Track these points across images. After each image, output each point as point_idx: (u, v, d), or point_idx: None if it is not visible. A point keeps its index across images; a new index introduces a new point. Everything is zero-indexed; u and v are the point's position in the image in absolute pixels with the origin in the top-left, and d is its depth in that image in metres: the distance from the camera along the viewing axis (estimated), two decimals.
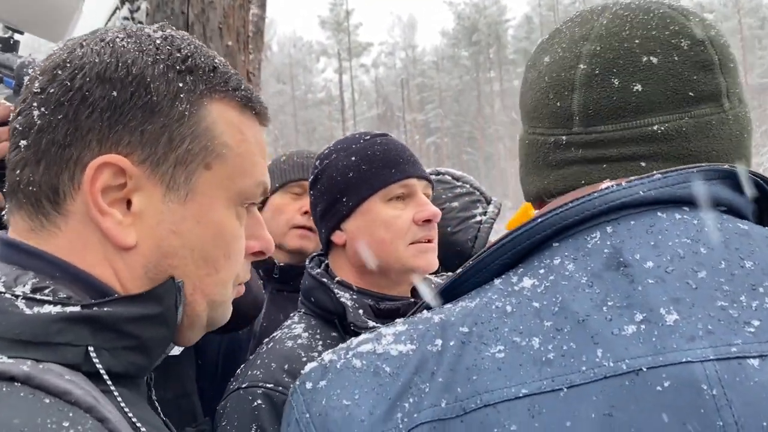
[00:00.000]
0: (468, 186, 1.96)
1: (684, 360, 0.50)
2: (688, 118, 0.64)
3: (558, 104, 0.68)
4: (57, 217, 0.62)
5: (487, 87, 54.80)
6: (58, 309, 0.56)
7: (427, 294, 0.62)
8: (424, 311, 0.66)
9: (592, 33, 0.68)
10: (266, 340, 1.31)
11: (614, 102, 0.65)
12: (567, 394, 0.51)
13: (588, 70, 0.66)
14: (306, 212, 1.76)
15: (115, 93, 0.61)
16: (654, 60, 0.64)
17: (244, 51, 2.58)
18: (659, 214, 0.59)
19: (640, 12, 0.67)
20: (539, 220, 0.62)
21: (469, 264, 0.65)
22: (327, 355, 0.63)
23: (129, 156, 0.61)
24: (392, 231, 1.26)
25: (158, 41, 0.65)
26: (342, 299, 1.24)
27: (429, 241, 1.30)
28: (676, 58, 0.64)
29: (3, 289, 0.56)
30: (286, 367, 1.17)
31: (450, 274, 1.94)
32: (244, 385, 1.18)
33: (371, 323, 1.20)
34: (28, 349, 0.54)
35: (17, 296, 0.56)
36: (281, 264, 1.79)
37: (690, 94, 0.64)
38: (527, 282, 0.60)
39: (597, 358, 0.52)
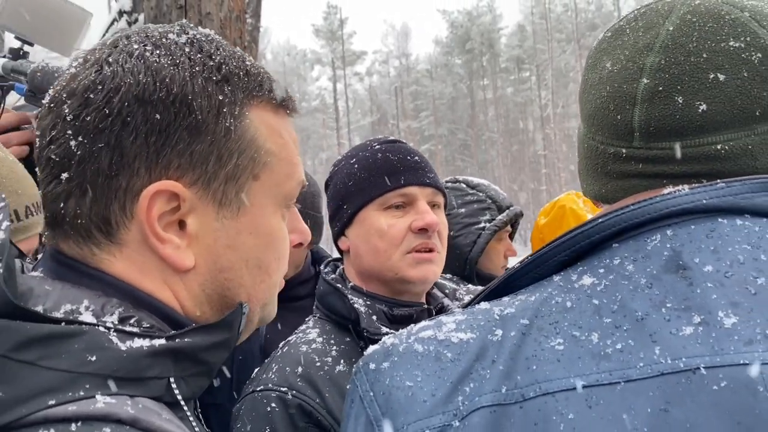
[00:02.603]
0: (481, 194, 2.04)
1: (741, 362, 0.51)
2: (754, 136, 0.62)
3: (618, 117, 0.66)
4: (110, 246, 0.60)
5: (481, 95, 54.93)
6: (147, 343, 0.56)
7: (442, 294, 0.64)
8: (482, 303, 0.66)
9: (657, 42, 0.65)
10: (282, 344, 1.32)
11: (677, 120, 0.63)
12: (624, 387, 0.52)
13: (651, 86, 0.64)
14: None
15: (158, 116, 0.58)
16: (721, 77, 0.62)
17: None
18: (720, 220, 0.60)
19: (709, 19, 0.64)
20: (600, 220, 0.62)
21: (528, 259, 0.66)
22: (389, 339, 0.65)
23: (180, 179, 0.60)
24: (386, 240, 1.26)
25: (187, 49, 0.62)
26: (356, 305, 1.25)
27: (429, 251, 1.28)
28: (745, 74, 0.61)
29: (94, 321, 0.56)
30: (299, 371, 1.19)
31: (448, 276, 2.00)
32: (258, 388, 1.19)
33: (384, 329, 1.21)
34: (122, 386, 0.54)
35: (109, 329, 0.56)
36: None
37: (757, 112, 0.62)
38: (587, 280, 0.61)
39: (655, 355, 0.53)
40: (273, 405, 1.15)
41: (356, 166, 1.32)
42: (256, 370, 1.28)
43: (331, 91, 52.50)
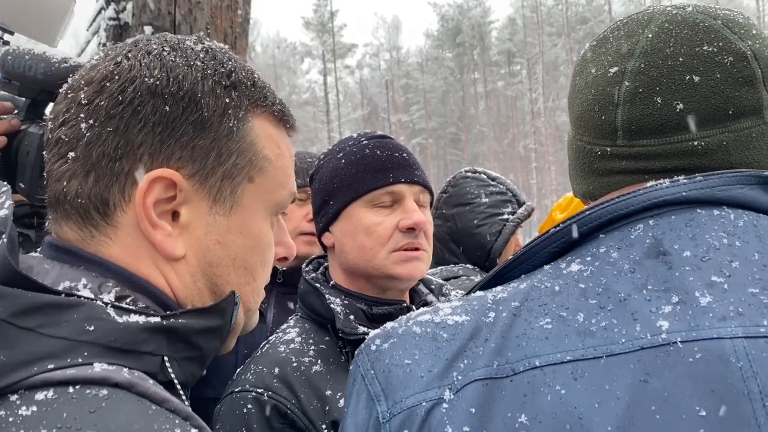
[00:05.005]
0: (502, 186, 2.07)
1: (715, 336, 0.55)
2: (728, 133, 0.67)
3: (603, 118, 0.72)
4: (107, 228, 0.63)
5: (471, 88, 54.93)
6: (143, 319, 0.58)
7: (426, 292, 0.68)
8: (478, 291, 0.71)
9: (637, 48, 0.70)
10: (263, 343, 1.32)
11: (656, 119, 0.68)
12: (607, 361, 0.57)
13: (632, 88, 0.69)
14: (312, 219, 1.77)
15: (167, 108, 0.62)
16: (696, 78, 0.67)
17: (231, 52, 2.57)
18: (698, 210, 0.65)
19: (685, 26, 0.69)
20: (587, 212, 0.67)
21: (520, 252, 0.71)
22: (389, 324, 0.70)
23: (180, 170, 0.63)
24: (373, 238, 1.25)
25: (202, 55, 0.67)
26: (332, 305, 1.24)
27: (415, 249, 1.27)
28: (718, 76, 0.66)
29: (92, 296, 0.58)
30: (276, 371, 1.19)
31: (469, 266, 1.97)
32: (237, 389, 1.20)
33: (362, 329, 1.20)
34: (119, 357, 0.55)
35: (106, 304, 0.57)
36: (284, 268, 1.79)
37: (730, 111, 0.67)
38: (574, 267, 0.65)
39: (636, 331, 0.57)
40: (249, 406, 1.15)
41: (343, 161, 1.29)
42: (238, 370, 1.28)
43: (321, 84, 52.30)
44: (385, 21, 70.06)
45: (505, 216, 1.99)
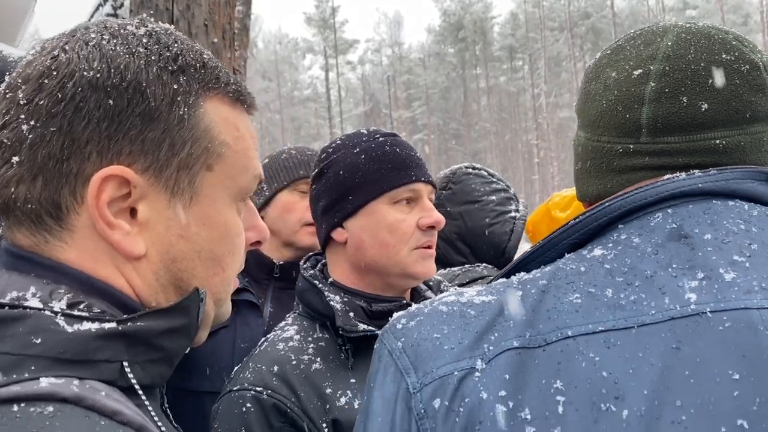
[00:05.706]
0: (502, 183, 2.02)
1: (743, 306, 0.59)
2: (745, 135, 0.72)
3: (627, 116, 0.75)
4: (62, 232, 0.60)
5: (473, 84, 54.85)
6: (96, 326, 0.56)
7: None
8: (501, 279, 0.73)
9: (659, 53, 0.74)
10: (261, 340, 1.31)
11: (682, 117, 0.72)
12: (638, 330, 0.59)
13: (658, 88, 0.73)
14: None
15: (111, 101, 0.59)
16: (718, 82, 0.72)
17: (229, 48, 2.56)
18: (714, 201, 0.69)
19: (702, 37, 0.74)
20: (607, 204, 0.71)
21: (539, 243, 0.74)
22: (412, 306, 0.72)
23: (131, 165, 0.60)
24: (396, 235, 1.25)
25: (144, 40, 0.63)
26: (332, 302, 1.23)
27: (429, 247, 1.28)
28: (737, 81, 0.72)
29: (41, 306, 0.56)
30: (275, 369, 1.18)
31: (487, 265, 1.94)
32: (235, 388, 1.19)
33: (361, 326, 1.20)
34: (70, 368, 0.53)
35: (56, 313, 0.55)
36: (281, 262, 1.78)
37: (748, 114, 0.72)
38: (597, 252, 0.68)
39: (665, 303, 0.60)
40: (248, 405, 1.15)
41: (363, 156, 1.28)
42: (236, 368, 1.27)
43: (323, 80, 52.27)
44: (387, 16, 69.95)
45: (513, 214, 1.94)
